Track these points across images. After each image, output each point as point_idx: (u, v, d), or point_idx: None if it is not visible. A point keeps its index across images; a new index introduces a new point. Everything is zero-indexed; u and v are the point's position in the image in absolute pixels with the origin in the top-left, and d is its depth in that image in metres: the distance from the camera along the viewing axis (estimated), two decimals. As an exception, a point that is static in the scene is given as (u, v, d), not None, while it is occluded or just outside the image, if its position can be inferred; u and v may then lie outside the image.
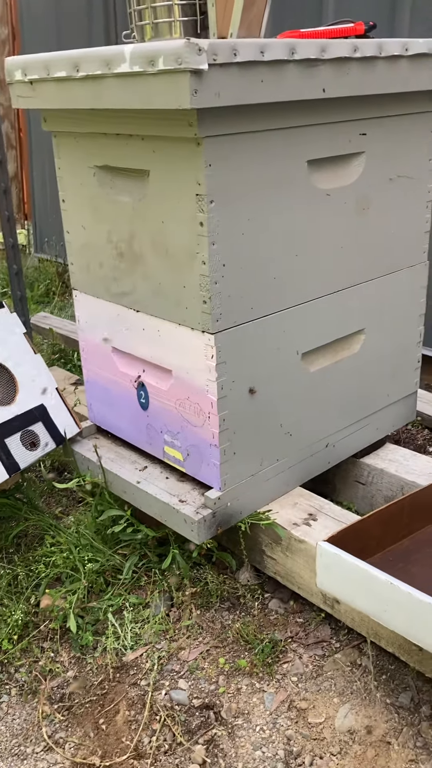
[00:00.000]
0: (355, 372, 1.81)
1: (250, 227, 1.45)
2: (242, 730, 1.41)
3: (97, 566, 1.75)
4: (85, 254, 1.75)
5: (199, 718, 1.45)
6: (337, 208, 1.61)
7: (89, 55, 1.37)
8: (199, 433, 1.59)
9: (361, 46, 1.44)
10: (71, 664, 1.60)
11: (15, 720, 1.49)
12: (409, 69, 1.56)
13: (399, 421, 2.03)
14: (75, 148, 1.64)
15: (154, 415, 1.71)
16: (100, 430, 1.98)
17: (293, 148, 1.47)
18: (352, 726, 1.39)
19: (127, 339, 1.71)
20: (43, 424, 1.83)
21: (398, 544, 1.52)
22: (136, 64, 1.28)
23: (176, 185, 1.41)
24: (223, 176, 1.37)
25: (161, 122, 1.37)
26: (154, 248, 1.53)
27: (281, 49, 1.31)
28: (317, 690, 1.48)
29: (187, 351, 1.54)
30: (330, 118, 1.51)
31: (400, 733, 1.36)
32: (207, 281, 1.42)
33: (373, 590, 1.26)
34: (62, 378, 2.54)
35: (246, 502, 1.65)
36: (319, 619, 1.63)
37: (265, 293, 1.53)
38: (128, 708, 1.48)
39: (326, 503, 1.72)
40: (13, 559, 1.85)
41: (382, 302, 1.81)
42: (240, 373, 1.54)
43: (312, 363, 1.70)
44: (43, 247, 4.50)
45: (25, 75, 1.55)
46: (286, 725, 1.41)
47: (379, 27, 2.29)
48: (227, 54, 1.24)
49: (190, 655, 1.59)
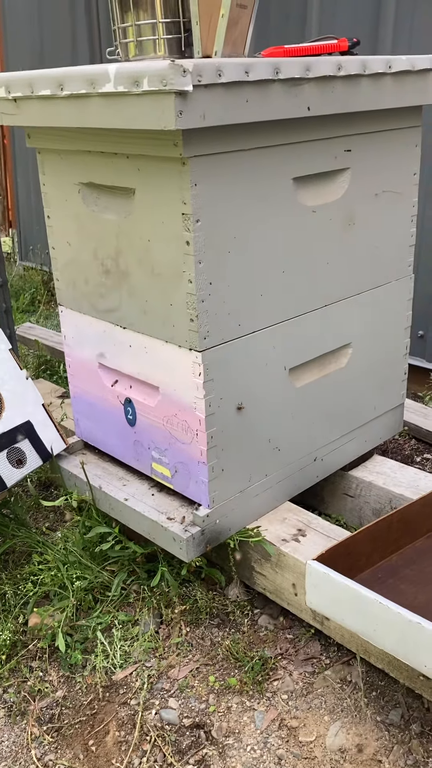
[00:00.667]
0: (343, 386, 1.81)
1: (237, 245, 1.45)
2: (233, 750, 1.41)
3: (86, 583, 1.74)
4: (71, 270, 1.74)
5: (190, 738, 1.44)
6: (323, 224, 1.61)
7: (73, 74, 1.36)
8: (186, 450, 1.59)
9: (345, 64, 1.45)
10: (60, 684, 1.59)
11: (3, 742, 1.47)
12: (393, 86, 1.57)
13: (387, 433, 2.04)
14: (60, 164, 1.64)
15: (142, 432, 1.71)
16: (87, 446, 1.97)
17: (278, 166, 1.47)
18: (342, 744, 1.39)
19: (114, 355, 1.71)
20: (29, 441, 1.82)
21: (387, 560, 1.52)
22: (121, 84, 1.27)
23: (162, 204, 1.40)
24: (209, 195, 1.37)
25: (146, 141, 1.36)
26: (140, 266, 1.52)
27: (266, 69, 1.31)
28: (308, 708, 1.48)
29: (174, 368, 1.54)
30: (315, 135, 1.51)
31: (390, 751, 1.36)
32: (194, 299, 1.42)
33: (363, 609, 1.26)
34: (48, 391, 2.52)
35: (234, 519, 1.65)
36: (308, 636, 1.63)
37: (253, 310, 1.53)
38: (118, 728, 1.48)
39: (315, 518, 1.72)
40: (1, 577, 1.83)
41: (368, 316, 1.81)
42: (228, 390, 1.53)
43: (299, 378, 1.70)
44: (28, 255, 4.48)
45: (8, 92, 1.53)
46: (277, 744, 1.41)
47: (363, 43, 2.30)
48: (212, 75, 1.24)
49: (179, 673, 1.58)
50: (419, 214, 2.34)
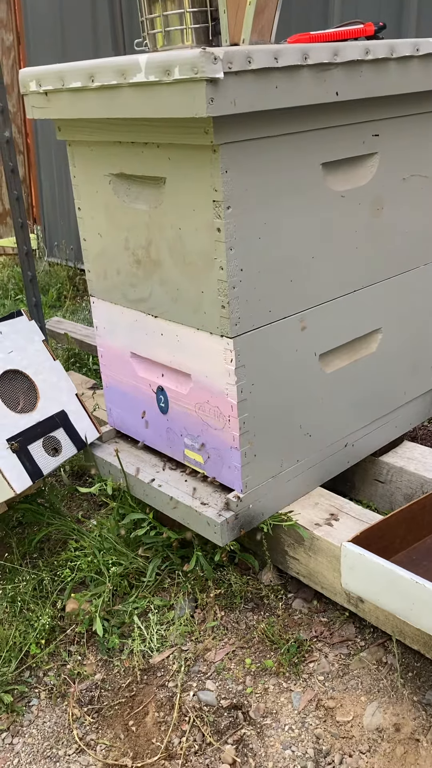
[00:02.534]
0: (373, 371, 1.82)
1: (267, 231, 1.46)
2: (271, 730, 1.43)
3: (121, 569, 1.77)
4: (102, 261, 1.76)
5: (228, 719, 1.46)
6: (351, 209, 1.62)
7: (104, 66, 1.38)
8: (219, 436, 1.60)
9: (373, 49, 1.45)
10: (99, 667, 1.62)
11: (45, 723, 1.51)
12: (420, 69, 1.57)
13: (417, 419, 2.04)
14: (90, 156, 1.66)
15: (174, 419, 1.73)
16: (119, 434, 2.00)
17: (308, 152, 1.48)
18: (380, 724, 1.40)
19: (146, 344, 1.73)
20: (64, 430, 1.85)
21: (421, 542, 1.53)
22: (152, 74, 1.29)
23: (193, 192, 1.42)
24: (240, 182, 1.38)
25: (177, 130, 1.38)
26: (171, 255, 1.54)
27: (294, 55, 1.32)
28: (344, 688, 1.49)
29: (206, 355, 1.56)
30: (343, 120, 1.52)
31: (428, 730, 1.37)
32: (225, 286, 1.44)
33: (399, 589, 1.27)
34: (79, 382, 2.56)
35: (267, 504, 1.67)
36: (343, 618, 1.65)
37: (283, 296, 1.54)
38: (157, 709, 1.50)
39: (347, 503, 1.73)
40: (38, 564, 1.87)
41: (398, 301, 1.82)
42: (259, 376, 1.55)
43: (330, 364, 1.71)
44: (53, 251, 4.53)
45: (39, 86, 1.56)
46: (315, 724, 1.43)
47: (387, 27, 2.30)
48: (242, 62, 1.25)
49: (216, 656, 1.61)
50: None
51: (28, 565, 1.88)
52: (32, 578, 1.80)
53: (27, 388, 1.82)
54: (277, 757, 1.37)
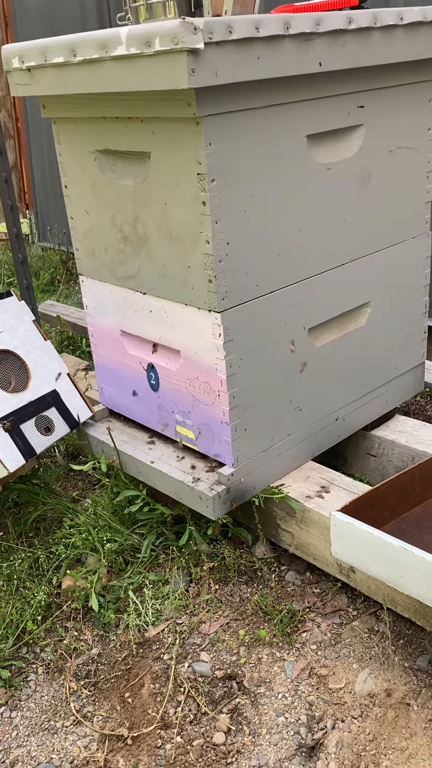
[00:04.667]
0: (363, 345, 1.82)
1: (253, 204, 1.46)
2: (265, 698, 1.45)
3: (116, 546, 1.78)
4: (89, 239, 1.76)
5: (222, 689, 1.48)
6: (338, 181, 1.62)
7: (86, 39, 1.38)
8: (209, 412, 1.61)
9: (356, 18, 1.44)
10: (95, 642, 1.64)
11: (43, 697, 1.53)
12: (405, 38, 1.56)
13: (408, 393, 2.05)
14: (75, 133, 1.65)
15: (165, 396, 1.74)
16: (112, 413, 2.00)
17: (292, 124, 1.48)
18: (371, 690, 1.42)
19: (135, 322, 1.73)
20: (56, 409, 1.86)
21: (411, 512, 1.54)
22: (133, 46, 1.28)
23: (177, 166, 1.42)
24: (224, 154, 1.38)
25: (160, 103, 1.37)
26: (157, 230, 1.54)
27: (276, 25, 1.32)
28: (336, 657, 1.51)
29: (194, 331, 1.56)
30: (327, 91, 1.51)
31: (418, 694, 1.39)
32: (211, 260, 1.44)
33: (388, 556, 1.28)
34: (72, 364, 2.56)
35: (259, 477, 1.68)
36: (335, 589, 1.66)
37: (270, 269, 1.54)
38: (153, 681, 1.52)
39: (338, 475, 1.75)
40: (34, 543, 1.89)
41: (386, 274, 1.82)
42: (248, 351, 1.55)
43: (319, 338, 1.72)
44: (45, 235, 4.52)
45: (22, 62, 1.55)
46: (308, 692, 1.45)
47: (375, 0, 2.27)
48: (223, 32, 1.24)
49: (210, 629, 1.62)
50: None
51: (24, 544, 1.89)
52: (28, 557, 1.81)
53: (18, 367, 1.83)
54: (271, 723, 1.40)
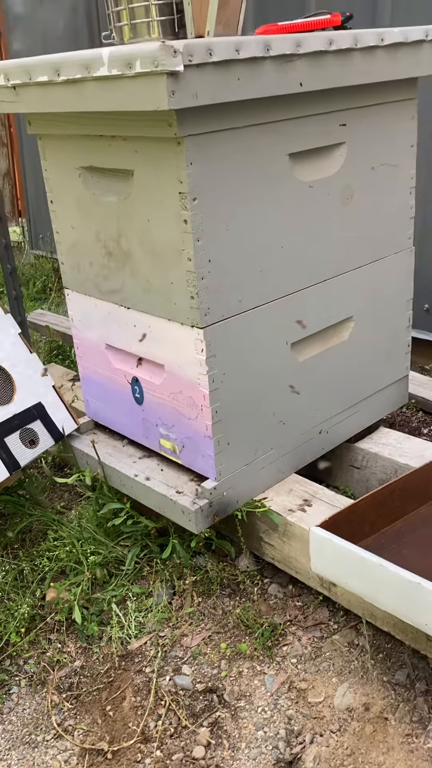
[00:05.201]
0: (346, 359, 1.84)
1: (234, 222, 1.48)
2: (245, 712, 1.46)
3: (100, 558, 1.79)
4: (75, 254, 1.78)
5: (203, 702, 1.49)
6: (320, 199, 1.63)
7: (69, 60, 1.39)
8: (193, 426, 1.63)
9: (337, 39, 1.46)
10: (78, 654, 1.65)
11: (25, 710, 1.54)
12: (386, 59, 1.58)
13: (392, 406, 2.06)
14: (60, 150, 1.67)
15: (149, 409, 1.75)
16: (97, 425, 2.02)
17: (274, 143, 1.50)
18: (350, 704, 1.43)
19: (120, 336, 1.74)
20: (41, 422, 1.87)
21: (391, 526, 1.56)
22: (114, 68, 1.30)
23: (159, 184, 1.43)
24: (205, 174, 1.39)
25: (142, 123, 1.39)
26: (141, 246, 1.56)
27: (256, 47, 1.33)
28: (316, 670, 1.52)
29: (177, 346, 1.57)
30: (309, 110, 1.53)
31: (396, 709, 1.41)
32: (194, 277, 1.45)
33: (365, 572, 1.30)
34: (60, 374, 2.57)
35: (242, 491, 1.69)
36: (317, 602, 1.68)
37: (253, 286, 1.56)
38: (134, 694, 1.53)
39: (320, 489, 1.76)
40: (18, 555, 1.89)
41: (370, 289, 1.84)
42: (230, 366, 1.57)
43: (302, 352, 1.73)
44: (38, 243, 4.53)
45: (7, 80, 1.57)
46: (287, 705, 1.46)
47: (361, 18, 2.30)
48: (202, 54, 1.26)
49: (192, 642, 1.63)
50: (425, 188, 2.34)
51: (9, 555, 1.90)
52: (12, 569, 1.82)
53: (3, 381, 1.84)
54: (250, 738, 1.41)
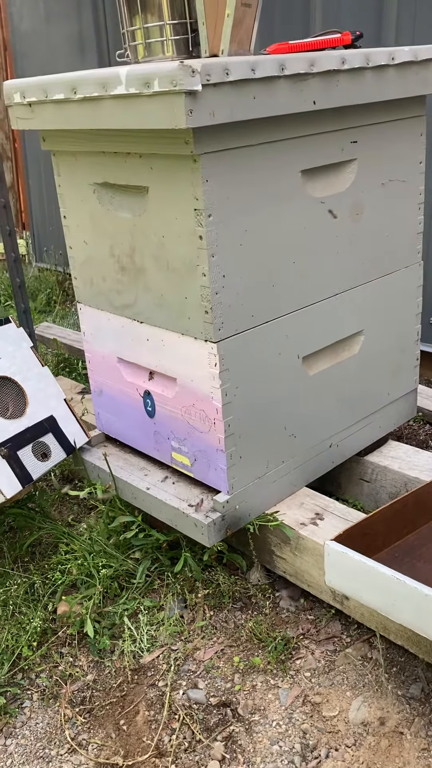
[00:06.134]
0: (356, 372, 1.85)
1: (248, 238, 1.49)
2: (259, 726, 1.46)
3: (111, 572, 1.79)
4: (88, 269, 1.79)
5: (217, 716, 1.49)
6: (331, 214, 1.65)
7: (86, 78, 1.41)
8: (205, 439, 1.63)
9: (349, 58, 1.48)
10: (90, 668, 1.65)
11: (38, 724, 1.53)
12: (396, 77, 1.60)
13: (400, 419, 2.07)
14: (74, 166, 1.69)
15: (161, 423, 1.76)
16: (108, 438, 2.02)
17: (287, 160, 1.52)
18: (365, 718, 1.43)
19: (132, 349, 1.76)
20: (53, 435, 1.88)
21: (404, 540, 1.56)
22: (132, 86, 1.32)
23: (175, 201, 1.45)
24: (220, 191, 1.41)
25: (158, 140, 1.41)
26: (155, 261, 1.57)
27: (271, 66, 1.36)
28: (330, 684, 1.52)
29: (190, 360, 1.59)
30: (321, 128, 1.55)
31: (411, 723, 1.41)
32: (208, 292, 1.47)
33: (380, 585, 1.30)
34: (68, 387, 2.58)
35: (254, 504, 1.70)
36: (329, 616, 1.68)
37: (265, 301, 1.57)
38: (147, 708, 1.53)
39: (332, 502, 1.77)
40: (29, 568, 1.90)
41: (379, 303, 1.85)
42: (243, 379, 1.58)
43: (313, 366, 1.75)
44: (42, 256, 4.55)
45: (23, 97, 1.59)
46: (302, 719, 1.46)
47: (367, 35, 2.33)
48: (220, 74, 1.28)
49: (205, 655, 1.64)
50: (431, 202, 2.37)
51: (20, 569, 1.90)
52: (24, 582, 1.82)
53: (16, 394, 1.85)
54: (265, 752, 1.40)
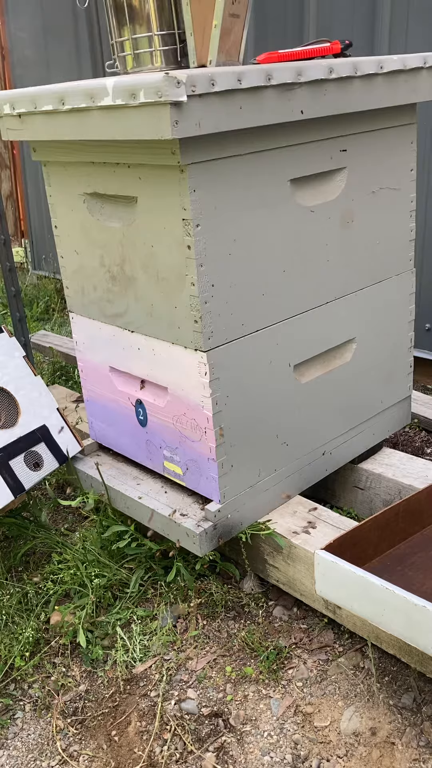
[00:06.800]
0: (349, 380, 1.85)
1: (237, 247, 1.50)
2: (251, 736, 1.45)
3: (104, 581, 1.79)
4: (79, 278, 1.79)
5: (209, 726, 1.49)
6: (322, 223, 1.65)
7: (74, 89, 1.42)
8: (196, 448, 1.63)
9: (337, 67, 1.48)
10: (83, 678, 1.64)
11: (30, 735, 1.53)
12: (385, 85, 1.61)
13: (395, 426, 2.07)
14: (65, 176, 1.69)
15: (153, 432, 1.76)
16: (101, 447, 2.02)
17: (275, 169, 1.52)
18: (356, 728, 1.42)
19: (124, 358, 1.76)
20: (45, 445, 1.88)
21: (395, 548, 1.56)
22: (119, 98, 1.32)
23: (163, 211, 1.45)
24: (208, 200, 1.41)
25: (145, 151, 1.41)
26: (144, 271, 1.57)
27: (258, 76, 1.36)
28: (322, 694, 1.52)
29: (181, 369, 1.59)
30: (310, 137, 1.55)
31: (403, 733, 1.40)
32: (197, 301, 1.47)
33: (370, 595, 1.30)
34: (64, 396, 2.58)
35: (246, 513, 1.69)
36: (322, 625, 1.67)
37: (255, 309, 1.57)
38: (139, 719, 1.52)
39: (325, 510, 1.76)
40: (23, 578, 1.89)
41: (371, 311, 1.85)
42: (234, 388, 1.58)
43: (304, 374, 1.75)
44: (40, 264, 4.56)
45: (13, 108, 1.59)
46: (293, 730, 1.45)
47: (359, 46, 2.34)
48: (205, 84, 1.28)
49: (197, 665, 1.63)
50: (425, 209, 2.37)
51: (13, 578, 1.90)
52: (17, 591, 1.82)
53: (8, 404, 1.85)
54: (256, 763, 1.40)
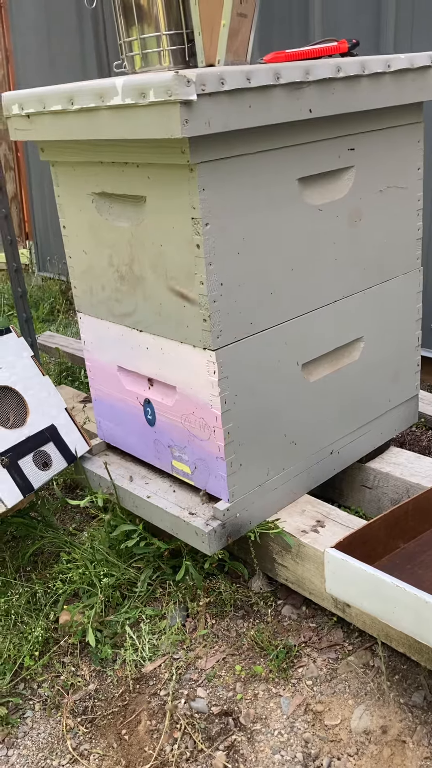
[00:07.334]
0: (356, 379, 1.85)
1: (246, 246, 1.50)
2: (261, 735, 1.45)
3: (113, 580, 1.79)
4: (87, 278, 1.80)
5: (219, 725, 1.49)
6: (329, 222, 1.65)
7: (83, 89, 1.42)
8: (205, 447, 1.63)
9: (344, 66, 1.49)
10: (92, 677, 1.64)
11: (40, 734, 1.53)
12: (392, 84, 1.61)
13: (402, 425, 2.07)
14: (73, 176, 1.70)
15: (161, 431, 1.76)
16: (109, 447, 2.03)
17: (283, 168, 1.52)
18: (367, 726, 1.42)
19: (132, 358, 1.76)
20: (54, 444, 1.88)
21: (404, 547, 1.56)
22: (128, 97, 1.33)
23: (172, 210, 1.46)
24: (217, 199, 1.42)
25: (155, 150, 1.42)
26: (153, 270, 1.58)
27: (266, 75, 1.36)
28: (332, 692, 1.52)
29: (190, 368, 1.59)
30: (318, 136, 1.56)
31: (414, 731, 1.40)
32: (206, 300, 1.47)
33: (380, 593, 1.30)
34: (71, 396, 2.59)
35: (254, 512, 1.70)
36: (331, 623, 1.67)
37: (264, 308, 1.58)
38: (149, 718, 1.53)
39: (333, 509, 1.76)
40: (31, 577, 1.90)
41: (379, 310, 1.85)
42: (242, 387, 1.58)
43: (312, 373, 1.75)
44: (45, 265, 4.57)
45: (22, 109, 1.60)
46: (304, 728, 1.45)
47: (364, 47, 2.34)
48: (215, 83, 1.29)
49: (207, 664, 1.63)
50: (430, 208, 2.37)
51: (22, 578, 1.90)
52: (26, 591, 1.82)
53: (17, 403, 1.85)
54: (267, 761, 1.40)
